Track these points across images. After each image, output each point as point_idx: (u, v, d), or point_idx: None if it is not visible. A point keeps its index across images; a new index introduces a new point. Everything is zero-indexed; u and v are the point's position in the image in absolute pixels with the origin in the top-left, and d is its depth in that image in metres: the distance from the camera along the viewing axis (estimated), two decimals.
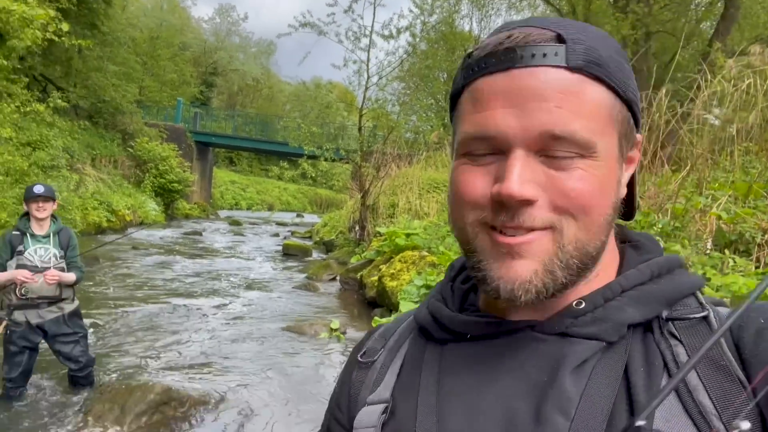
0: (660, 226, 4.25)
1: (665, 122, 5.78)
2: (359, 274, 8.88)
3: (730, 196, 4.62)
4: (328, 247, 15.23)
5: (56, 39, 5.65)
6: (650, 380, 0.48)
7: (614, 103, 0.51)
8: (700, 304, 0.52)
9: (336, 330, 6.43)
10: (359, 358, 0.67)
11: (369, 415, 0.59)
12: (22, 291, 3.74)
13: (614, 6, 14.39)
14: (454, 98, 0.56)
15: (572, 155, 0.49)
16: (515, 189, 0.48)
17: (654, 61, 14.04)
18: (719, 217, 4.11)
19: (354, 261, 10.29)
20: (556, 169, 0.49)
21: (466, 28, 23.45)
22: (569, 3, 19.17)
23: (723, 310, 0.53)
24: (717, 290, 3.03)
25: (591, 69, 0.49)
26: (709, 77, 6.11)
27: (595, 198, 0.50)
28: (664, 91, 6.04)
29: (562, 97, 0.48)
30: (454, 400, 0.54)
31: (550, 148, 0.49)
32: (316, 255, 14.48)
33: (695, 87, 6.12)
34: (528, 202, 0.49)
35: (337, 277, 10.05)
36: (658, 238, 3.96)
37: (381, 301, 7.24)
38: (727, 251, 3.81)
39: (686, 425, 0.46)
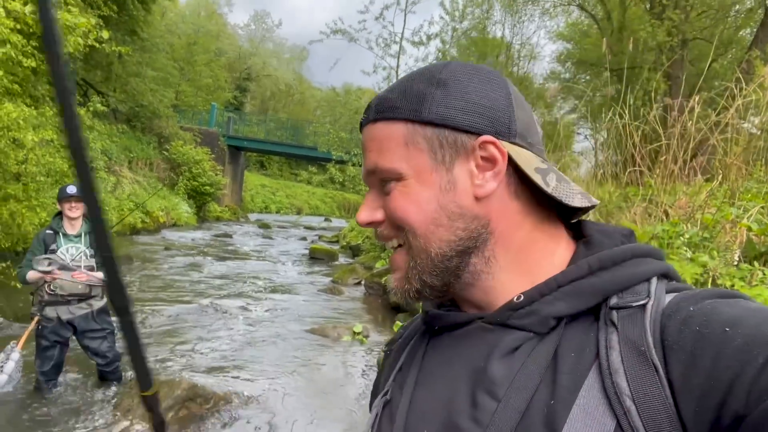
0: (688, 236, 4.17)
1: (697, 131, 5.66)
2: (384, 279, 8.92)
3: (762, 207, 4.50)
4: (354, 251, 15.32)
5: (97, 45, 5.87)
6: (576, 366, 0.52)
7: (407, 129, 0.61)
8: (648, 292, 0.54)
9: (359, 333, 6.47)
10: (383, 349, 0.80)
11: (377, 401, 0.70)
12: (52, 287, 3.89)
13: (650, 12, 14.14)
14: None
15: (390, 182, 0.62)
16: (359, 218, 0.65)
17: (689, 69, 13.73)
18: (749, 229, 4.01)
19: (379, 266, 10.34)
20: (386, 196, 0.62)
21: (498, 34, 23.33)
22: (604, 9, 18.91)
23: (672, 297, 0.54)
24: None
25: (381, 116, 0.62)
26: (744, 84, 5.96)
27: (412, 212, 0.60)
28: (696, 98, 5.91)
29: (372, 143, 0.63)
30: (422, 385, 0.64)
31: (382, 182, 0.63)
32: (342, 259, 14.58)
33: (729, 95, 5.97)
34: (371, 224, 0.64)
35: (362, 282, 10.10)
36: (684, 248, 3.89)
37: (404, 306, 7.26)
38: (756, 263, 3.72)
39: (603, 405, 0.49)
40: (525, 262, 0.62)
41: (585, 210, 0.65)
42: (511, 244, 0.62)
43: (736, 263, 3.79)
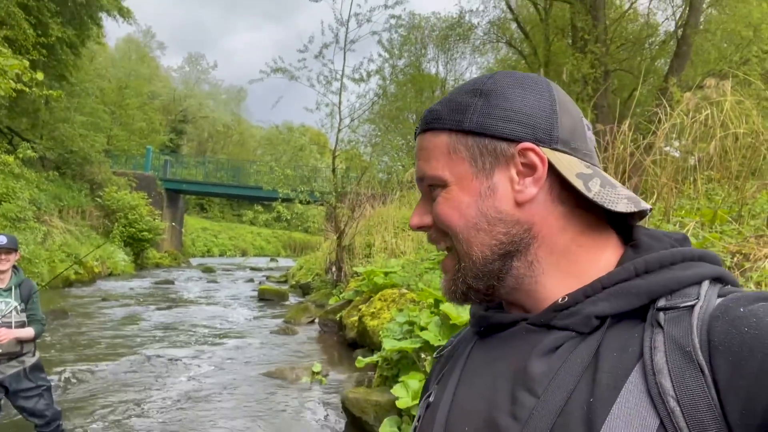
0: None
1: (630, 154, 6.00)
2: (338, 316, 8.78)
3: (696, 222, 4.77)
4: (304, 290, 15.05)
5: (27, 90, 5.60)
6: (618, 365, 0.53)
7: (450, 139, 0.65)
8: (698, 294, 0.54)
9: (318, 373, 6.30)
10: (434, 355, 0.82)
11: (421, 403, 0.73)
12: None
13: (573, 47, 15.07)
14: None
15: (437, 188, 0.65)
16: (411, 222, 0.69)
17: (614, 98, 14.65)
18: None
19: (332, 302, 10.18)
20: (433, 202, 0.66)
21: (433, 70, 24.14)
22: (530, 45, 19.98)
23: (718, 302, 0.54)
24: None
25: (428, 126, 0.67)
26: (668, 110, 6.40)
27: (454, 217, 0.64)
28: (626, 124, 6.29)
29: (422, 152, 0.67)
30: (465, 383, 0.66)
31: (426, 189, 0.68)
32: (292, 299, 14.26)
33: (656, 120, 6.39)
34: (422, 228, 0.68)
35: (316, 320, 9.90)
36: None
37: (362, 341, 7.15)
38: None
39: (646, 404, 0.49)
40: (569, 265, 0.63)
41: (640, 215, 0.65)
42: (555, 247, 0.63)
43: None
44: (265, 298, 13.91)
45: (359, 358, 5.19)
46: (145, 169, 28.49)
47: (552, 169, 0.61)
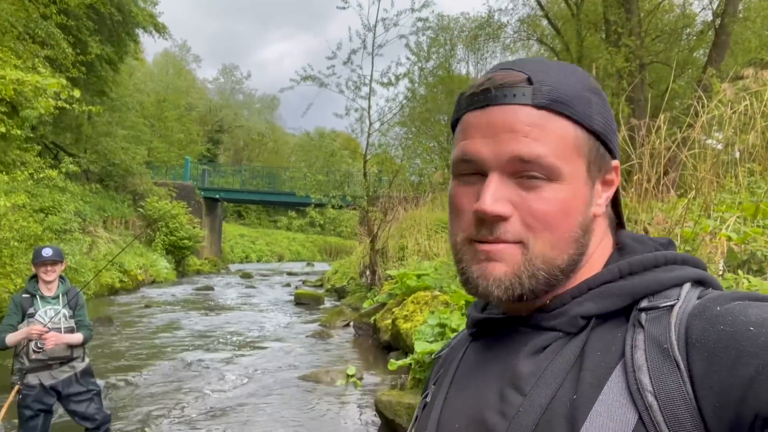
0: None
1: (666, 148, 5.83)
2: (372, 319, 8.81)
3: (738, 217, 4.61)
4: (340, 293, 15.17)
5: (68, 106, 5.86)
6: (601, 363, 0.54)
7: (579, 134, 0.59)
8: (679, 295, 0.56)
9: (352, 376, 6.34)
10: (434, 356, 0.83)
11: (420, 403, 0.74)
12: (38, 344, 3.73)
13: (607, 41, 14.75)
14: (453, 128, 0.67)
15: (541, 178, 0.57)
16: (488, 206, 0.56)
17: (650, 91, 14.25)
18: (729, 238, 4.09)
19: (366, 306, 10.23)
20: (526, 191, 0.57)
21: (463, 71, 24.01)
22: (562, 41, 19.65)
23: (699, 301, 0.55)
24: None
25: (554, 106, 0.58)
26: (705, 102, 6.20)
27: (559, 218, 0.57)
28: (662, 118, 6.12)
29: (529, 129, 0.57)
30: (458, 383, 0.67)
31: (522, 171, 0.57)
32: (328, 302, 14.40)
33: (693, 113, 6.19)
34: (501, 218, 0.57)
35: (351, 323, 9.96)
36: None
37: (396, 344, 7.16)
38: (740, 272, 3.78)
39: (626, 400, 0.51)
40: (580, 267, 0.63)
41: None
42: (588, 258, 0.63)
43: (721, 273, 3.85)
44: (302, 302, 14.07)
45: (392, 361, 5.21)
46: (184, 178, 29.25)
47: None
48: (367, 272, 12.51)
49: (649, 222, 5.43)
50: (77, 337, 3.91)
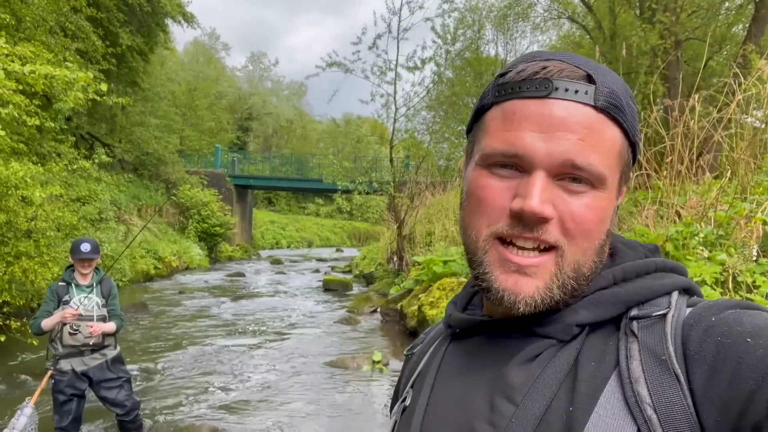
0: (703, 235, 4.09)
1: (701, 129, 5.62)
2: (399, 305, 8.84)
3: None
4: (368, 279, 15.25)
5: (98, 98, 5.99)
6: (596, 374, 0.53)
7: (624, 144, 0.58)
8: (669, 303, 0.55)
9: (378, 362, 6.38)
10: (405, 353, 0.81)
11: (396, 407, 0.71)
12: (74, 327, 3.87)
13: (641, 17, 14.24)
14: (480, 112, 0.61)
15: (585, 184, 0.55)
16: (537, 206, 0.53)
17: (686, 69, 13.74)
18: (765, 223, 3.93)
19: (393, 292, 10.26)
20: (569, 194, 0.55)
21: (492, 53, 23.57)
22: (594, 19, 19.08)
23: (693, 308, 0.54)
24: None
25: (612, 111, 0.55)
26: (742, 79, 5.93)
27: (596, 225, 0.56)
28: (696, 97, 5.89)
29: (587, 132, 0.54)
30: (440, 387, 0.63)
31: (567, 175, 0.55)
32: (356, 288, 14.50)
33: (729, 91, 5.94)
34: (545, 220, 0.54)
35: (378, 309, 10.02)
36: (700, 248, 3.80)
37: (422, 330, 7.15)
38: None
39: (623, 412, 0.49)
40: None
41: None
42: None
43: (755, 258, 3.71)
44: (330, 288, 14.21)
45: None
46: (215, 166, 29.73)
47: None
48: (395, 258, 12.53)
49: (681, 205, 5.27)
50: (111, 327, 4.04)
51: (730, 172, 5.38)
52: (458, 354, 0.65)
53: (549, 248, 0.56)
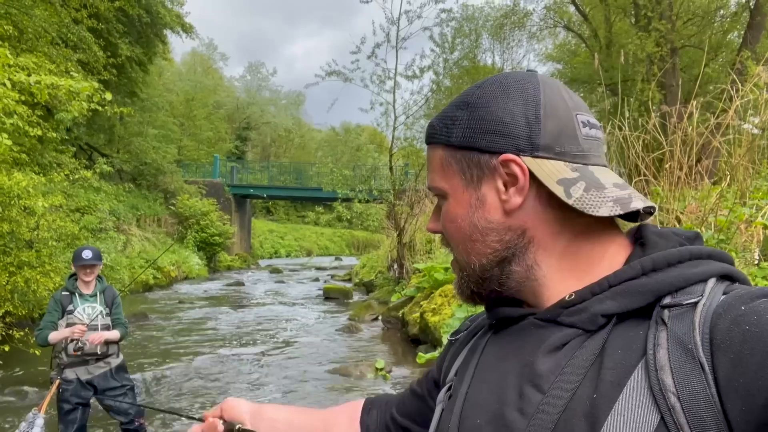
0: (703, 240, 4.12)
1: (699, 135, 5.67)
2: (401, 312, 8.84)
3: None
4: (368, 287, 15.24)
5: (100, 108, 6.02)
6: (622, 362, 0.53)
7: (443, 152, 0.68)
8: (703, 291, 0.54)
9: (381, 369, 6.38)
10: (449, 338, 0.85)
11: (442, 394, 0.74)
12: (78, 344, 3.87)
13: (636, 26, 14.38)
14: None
15: (440, 199, 0.70)
16: (427, 225, 0.74)
17: (683, 76, 13.85)
18: (765, 226, 3.97)
19: (394, 299, 10.26)
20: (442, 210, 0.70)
21: (489, 61, 23.75)
22: (590, 28, 19.25)
23: (722, 299, 0.53)
24: None
25: (428, 140, 0.71)
26: (740, 86, 5.99)
27: (450, 227, 0.68)
28: (694, 103, 5.94)
29: (426, 164, 0.72)
30: (479, 378, 0.68)
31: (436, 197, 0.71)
32: (356, 296, 14.49)
33: (726, 97, 6.00)
34: (436, 233, 0.72)
35: (379, 317, 10.01)
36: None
37: (424, 338, 7.17)
38: None
39: (647, 400, 0.50)
40: (572, 265, 0.63)
41: (649, 213, 0.65)
42: (553, 249, 0.63)
43: (756, 262, 3.74)
44: (330, 296, 14.20)
45: (420, 354, 5.22)
46: (213, 176, 29.74)
47: (535, 177, 0.61)
48: (395, 266, 12.54)
49: (681, 211, 5.30)
50: (115, 334, 4.03)
51: (729, 177, 5.42)
52: (495, 345, 0.69)
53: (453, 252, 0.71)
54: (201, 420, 0.95)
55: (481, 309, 0.76)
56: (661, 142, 5.75)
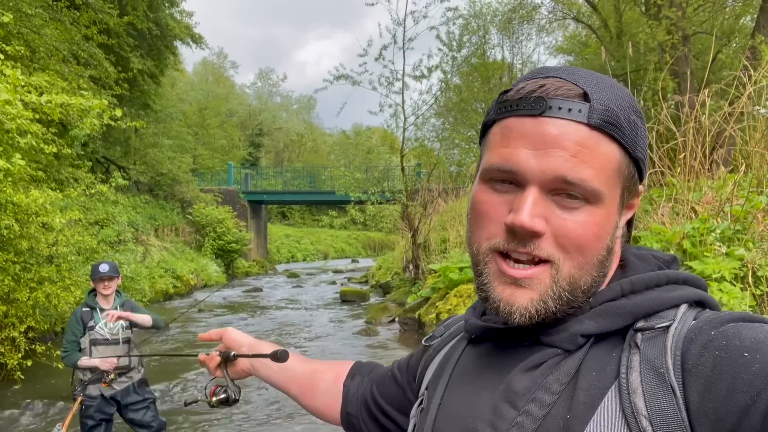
0: (720, 231, 4.05)
1: (712, 123, 5.57)
2: (417, 314, 8.83)
3: None
4: (384, 289, 15.25)
5: (113, 123, 6.12)
6: (596, 383, 0.54)
7: (623, 159, 0.58)
8: (675, 315, 0.55)
9: None
10: (423, 342, 0.83)
11: (414, 410, 0.74)
12: (108, 376, 3.93)
13: (646, 14, 14.18)
14: (486, 127, 0.64)
15: (580, 200, 0.56)
16: (526, 221, 0.55)
17: (696, 63, 13.64)
18: None
19: (411, 301, 10.25)
20: (562, 210, 0.57)
21: (498, 57, 23.59)
22: (600, 18, 19.02)
23: (692, 324, 0.54)
24: None
25: (607, 128, 0.56)
26: (752, 72, 5.88)
27: (591, 241, 0.57)
28: (707, 91, 5.85)
29: (579, 149, 0.55)
30: (453, 389, 0.67)
31: (561, 190, 0.56)
32: (373, 299, 14.50)
33: (739, 83, 5.89)
34: (536, 234, 0.56)
35: (396, 319, 10.01)
36: (718, 243, 3.77)
37: None
38: None
39: (620, 423, 0.50)
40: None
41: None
42: (606, 279, 0.63)
43: None
44: (347, 299, 14.23)
45: None
46: (228, 183, 30.01)
47: None
48: (410, 267, 12.53)
49: (697, 201, 5.22)
50: (144, 318, 4.02)
51: (744, 165, 5.33)
52: (471, 358, 0.68)
53: (544, 261, 0.57)
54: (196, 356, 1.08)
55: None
56: (675, 132, 5.66)
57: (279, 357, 0.96)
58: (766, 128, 5.66)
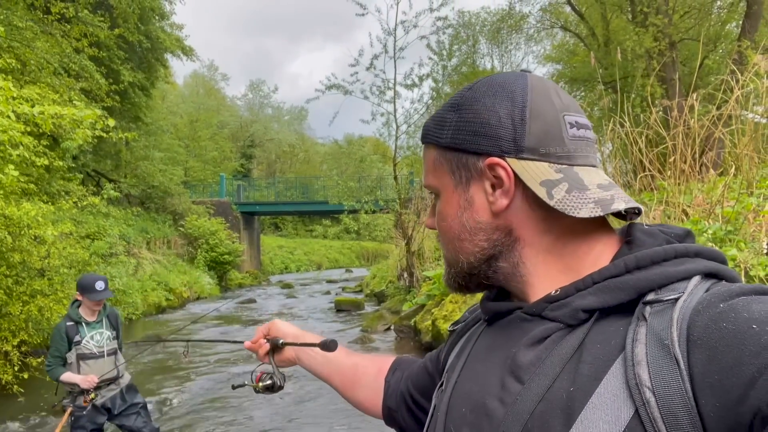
0: (711, 232, 4.10)
1: (701, 127, 5.64)
2: (413, 321, 8.81)
3: None
4: (379, 298, 15.22)
5: (105, 135, 6.10)
6: (600, 356, 0.55)
7: (436, 152, 0.70)
8: (685, 289, 0.55)
9: None
10: (448, 328, 0.88)
11: (436, 392, 0.77)
12: (89, 394, 3.85)
13: (633, 22, 14.38)
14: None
15: (435, 197, 0.73)
16: (425, 222, 0.78)
17: (683, 69, 13.82)
18: None
19: (406, 308, 10.23)
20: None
21: (488, 66, 23.80)
22: (587, 26, 19.25)
23: (703, 295, 0.54)
24: None
25: (423, 139, 0.73)
26: (739, 76, 5.97)
27: (441, 226, 0.71)
28: (695, 96, 5.92)
29: (423, 163, 0.74)
30: (468, 368, 0.71)
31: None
32: (368, 307, 14.46)
33: (726, 88, 5.98)
34: (433, 229, 0.74)
35: (392, 327, 9.98)
36: (710, 244, 3.81)
37: (437, 345, 7.08)
38: None
39: (623, 394, 0.51)
40: (559, 262, 0.65)
41: (637, 212, 0.65)
42: (540, 247, 0.65)
43: (765, 252, 3.71)
44: (342, 309, 14.18)
45: None
46: (220, 195, 29.91)
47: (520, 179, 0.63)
48: (405, 275, 12.52)
49: (688, 204, 5.27)
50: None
51: (734, 168, 5.39)
52: (486, 337, 0.72)
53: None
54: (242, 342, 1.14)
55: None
56: (664, 137, 5.73)
57: (328, 346, 1.00)
58: (754, 131, 5.74)
